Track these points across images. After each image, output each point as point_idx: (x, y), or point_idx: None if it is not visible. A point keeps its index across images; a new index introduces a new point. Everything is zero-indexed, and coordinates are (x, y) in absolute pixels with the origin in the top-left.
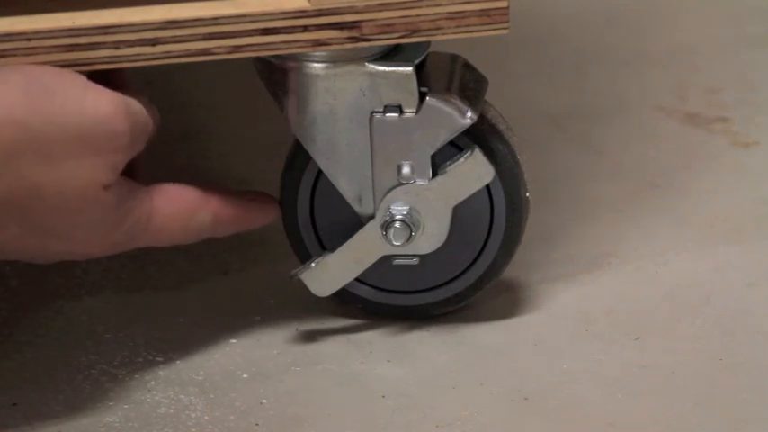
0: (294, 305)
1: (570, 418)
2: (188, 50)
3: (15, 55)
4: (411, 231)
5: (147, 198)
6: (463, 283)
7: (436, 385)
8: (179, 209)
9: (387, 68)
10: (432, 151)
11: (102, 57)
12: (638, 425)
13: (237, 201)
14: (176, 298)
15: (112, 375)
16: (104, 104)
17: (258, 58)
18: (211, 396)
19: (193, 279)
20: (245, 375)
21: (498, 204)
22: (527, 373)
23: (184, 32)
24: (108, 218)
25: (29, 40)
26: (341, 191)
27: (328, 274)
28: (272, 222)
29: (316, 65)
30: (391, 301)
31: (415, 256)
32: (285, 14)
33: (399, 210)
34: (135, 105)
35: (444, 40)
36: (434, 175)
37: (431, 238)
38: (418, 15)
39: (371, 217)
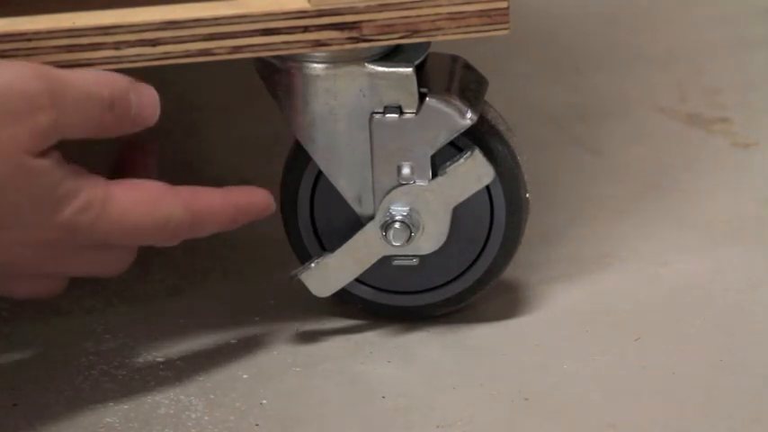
0: (294, 305)
1: (570, 418)
2: (188, 51)
3: (15, 55)
4: (411, 232)
5: (100, 182)
6: (463, 283)
7: (436, 385)
8: (140, 196)
9: (387, 69)
10: (432, 152)
11: (103, 57)
12: (638, 425)
13: (218, 194)
14: (176, 298)
15: (112, 375)
16: (9, 69)
17: (258, 59)
18: (211, 396)
19: (193, 279)
20: (245, 376)
21: (498, 205)
22: (527, 373)
23: (185, 33)
24: (49, 193)
25: (29, 40)
26: (341, 191)
27: (328, 274)
28: (268, 217)
29: (316, 65)
30: (391, 302)
31: (414, 256)
32: (285, 15)
33: (399, 210)
34: (64, 72)
35: (444, 40)
36: (434, 175)
37: (431, 238)
38: (418, 16)
39: (371, 217)
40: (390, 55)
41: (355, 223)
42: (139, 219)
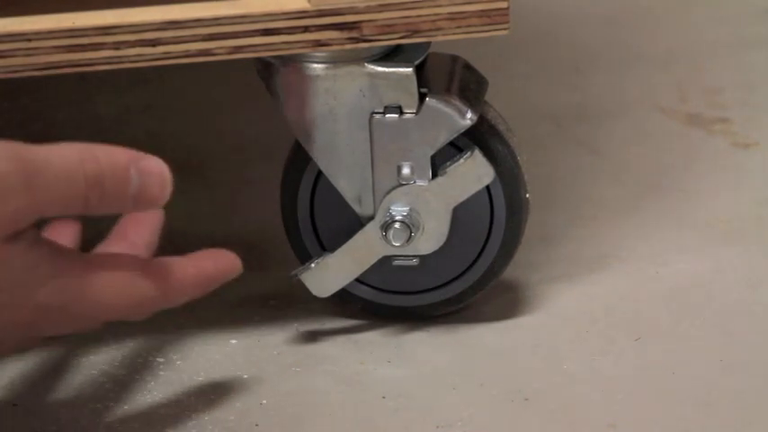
0: (294, 305)
1: (570, 418)
2: (188, 51)
3: (15, 55)
4: (411, 232)
5: (76, 263)
6: (463, 283)
7: (436, 386)
8: (114, 278)
9: (387, 69)
10: (432, 152)
11: (103, 57)
12: (638, 425)
13: (189, 268)
14: None
15: (112, 375)
16: None
17: (258, 59)
18: (211, 396)
19: None
20: (245, 376)
21: (498, 205)
22: (527, 373)
23: (185, 33)
24: (23, 276)
25: (29, 40)
26: (341, 191)
27: (328, 274)
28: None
29: (316, 65)
30: (391, 302)
31: (414, 256)
32: (286, 15)
33: (399, 210)
34: (48, 151)
35: (444, 40)
36: (434, 175)
37: (431, 238)
38: (418, 16)
39: (371, 218)
40: (390, 55)
41: (355, 223)
42: (113, 300)
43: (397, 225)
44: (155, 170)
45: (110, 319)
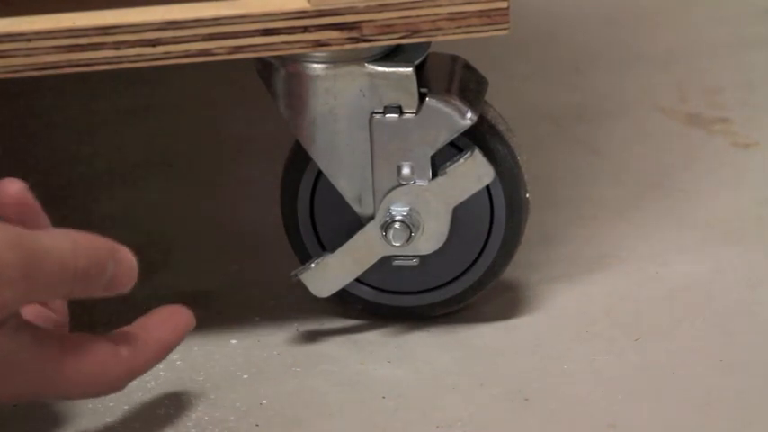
0: (294, 305)
1: (570, 418)
2: (188, 51)
3: (15, 56)
4: (411, 232)
5: (54, 351)
6: (463, 283)
7: (436, 386)
8: (89, 367)
9: (387, 69)
10: (432, 152)
11: (103, 57)
12: (638, 425)
13: (154, 344)
14: (176, 298)
15: None
16: None
17: (258, 59)
18: (212, 397)
19: (193, 279)
20: (245, 376)
21: (498, 205)
22: (527, 373)
23: (185, 33)
24: (4, 362)
25: (29, 40)
26: (341, 191)
27: (328, 274)
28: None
29: (316, 65)
30: (391, 302)
31: (414, 256)
32: (285, 15)
33: (399, 210)
34: (45, 238)
35: (444, 40)
36: (434, 175)
37: (431, 238)
38: (418, 16)
39: (371, 218)
40: (390, 55)
41: (355, 223)
42: (87, 386)
43: (397, 225)
44: (126, 260)
45: (81, 398)
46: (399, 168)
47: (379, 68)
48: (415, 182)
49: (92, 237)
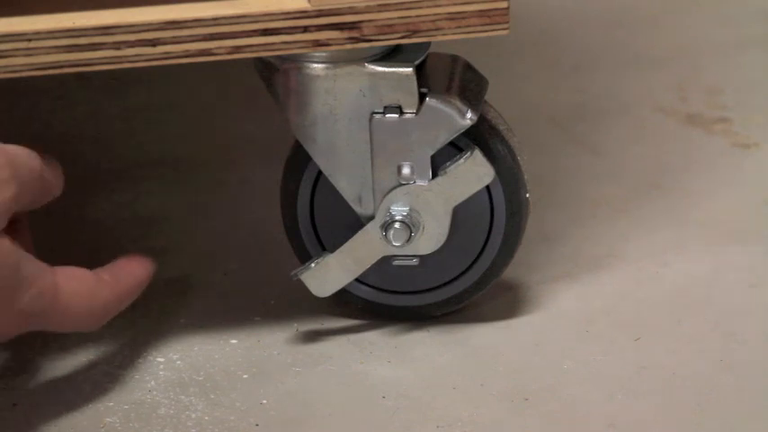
0: (294, 305)
1: (570, 418)
2: (188, 51)
3: (15, 55)
4: (411, 232)
5: (48, 270)
6: (463, 283)
7: (436, 385)
8: (79, 287)
9: (387, 69)
10: (432, 152)
11: (103, 57)
12: (638, 425)
13: (121, 271)
14: (177, 299)
15: (112, 375)
16: None
17: (258, 59)
18: (212, 396)
19: (193, 279)
20: (245, 376)
21: (498, 205)
22: (527, 373)
23: (184, 33)
24: (10, 276)
25: (29, 40)
26: (341, 191)
27: (328, 274)
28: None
29: (316, 65)
30: (391, 302)
31: (415, 256)
32: (285, 15)
33: (399, 210)
34: (9, 146)
35: (444, 40)
36: (434, 175)
37: (431, 238)
38: (418, 16)
39: (371, 217)
40: (390, 55)
41: (355, 223)
42: (79, 308)
43: (397, 225)
44: (53, 164)
45: (72, 328)
46: (399, 168)
47: (380, 68)
48: (415, 182)
49: (20, 146)
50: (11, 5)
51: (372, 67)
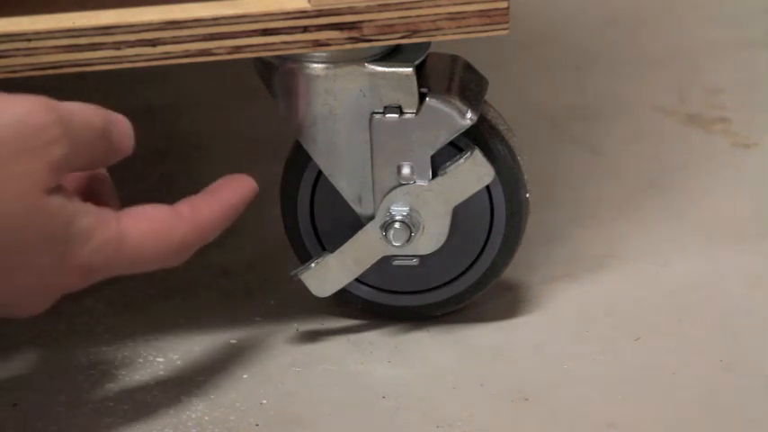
0: (294, 305)
1: (570, 418)
2: (188, 51)
3: (15, 55)
4: (411, 232)
5: (113, 217)
6: (463, 283)
7: (436, 385)
8: (150, 227)
9: (387, 69)
10: (432, 152)
11: (103, 57)
12: (638, 425)
13: (214, 201)
14: (176, 299)
15: (112, 375)
16: (19, 103)
17: (258, 59)
18: (211, 396)
19: (193, 279)
20: (245, 376)
21: (498, 205)
22: (527, 373)
23: (184, 33)
24: (65, 234)
25: (29, 40)
26: (341, 191)
27: (328, 274)
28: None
29: (316, 65)
30: (391, 302)
31: (414, 256)
32: (285, 15)
33: (399, 210)
34: (65, 104)
35: (444, 40)
36: (434, 175)
37: (431, 238)
38: (418, 16)
39: (371, 217)
40: (390, 55)
41: (355, 223)
42: (155, 249)
43: (397, 225)
44: (122, 122)
45: (150, 268)
46: (399, 168)
47: (380, 68)
48: (415, 182)
49: (86, 103)
50: (11, 5)
51: (372, 67)
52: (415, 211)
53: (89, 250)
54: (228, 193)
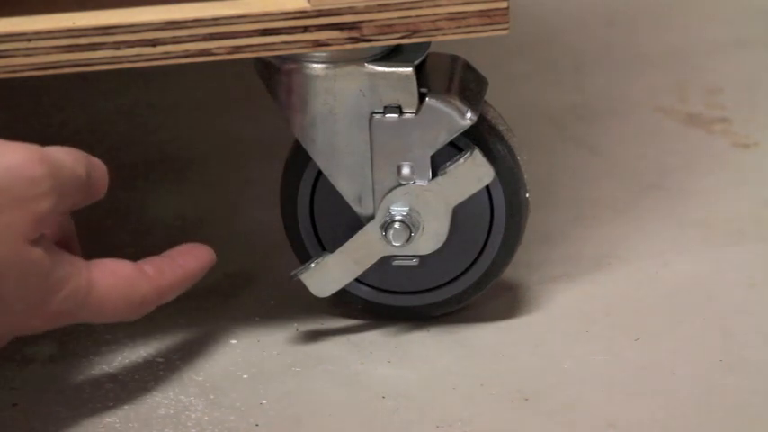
0: (294, 305)
1: (570, 418)
2: (188, 51)
3: (15, 55)
4: (411, 232)
5: (84, 268)
6: (463, 283)
7: (436, 385)
8: (116, 281)
9: (387, 69)
10: (431, 152)
11: (102, 57)
12: (638, 425)
13: (177, 267)
14: (176, 298)
15: (112, 375)
16: (14, 153)
17: (258, 59)
18: (211, 396)
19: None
20: (245, 376)
21: (498, 205)
22: (527, 373)
23: (184, 33)
24: (41, 283)
25: (29, 40)
26: (341, 191)
27: (328, 274)
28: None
29: (316, 65)
30: (391, 302)
31: (414, 256)
32: (285, 15)
33: (399, 210)
34: (55, 152)
35: (444, 40)
36: (434, 175)
37: (430, 238)
38: (418, 16)
39: (371, 218)
40: (390, 55)
41: (355, 223)
42: (117, 303)
43: (396, 225)
44: (99, 165)
45: (109, 320)
46: (399, 168)
47: (379, 68)
48: (414, 182)
49: (70, 148)
50: (11, 5)
51: (372, 67)
52: (415, 211)
53: (61, 297)
54: (191, 261)
